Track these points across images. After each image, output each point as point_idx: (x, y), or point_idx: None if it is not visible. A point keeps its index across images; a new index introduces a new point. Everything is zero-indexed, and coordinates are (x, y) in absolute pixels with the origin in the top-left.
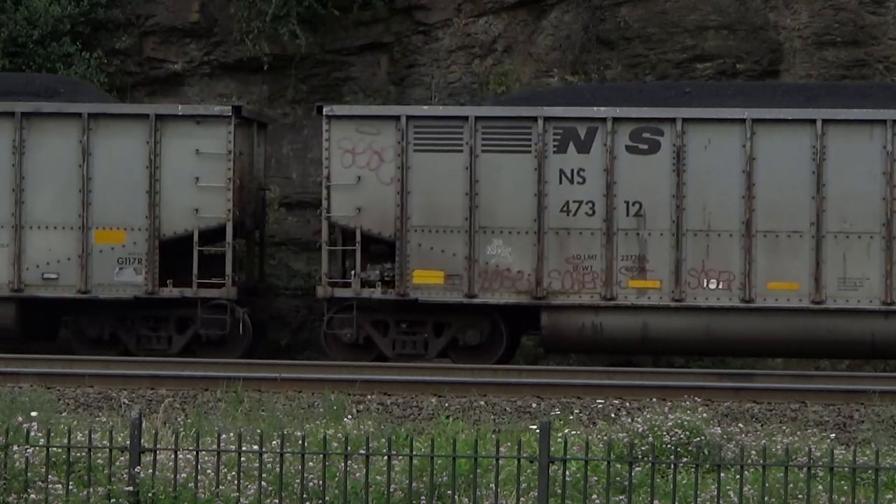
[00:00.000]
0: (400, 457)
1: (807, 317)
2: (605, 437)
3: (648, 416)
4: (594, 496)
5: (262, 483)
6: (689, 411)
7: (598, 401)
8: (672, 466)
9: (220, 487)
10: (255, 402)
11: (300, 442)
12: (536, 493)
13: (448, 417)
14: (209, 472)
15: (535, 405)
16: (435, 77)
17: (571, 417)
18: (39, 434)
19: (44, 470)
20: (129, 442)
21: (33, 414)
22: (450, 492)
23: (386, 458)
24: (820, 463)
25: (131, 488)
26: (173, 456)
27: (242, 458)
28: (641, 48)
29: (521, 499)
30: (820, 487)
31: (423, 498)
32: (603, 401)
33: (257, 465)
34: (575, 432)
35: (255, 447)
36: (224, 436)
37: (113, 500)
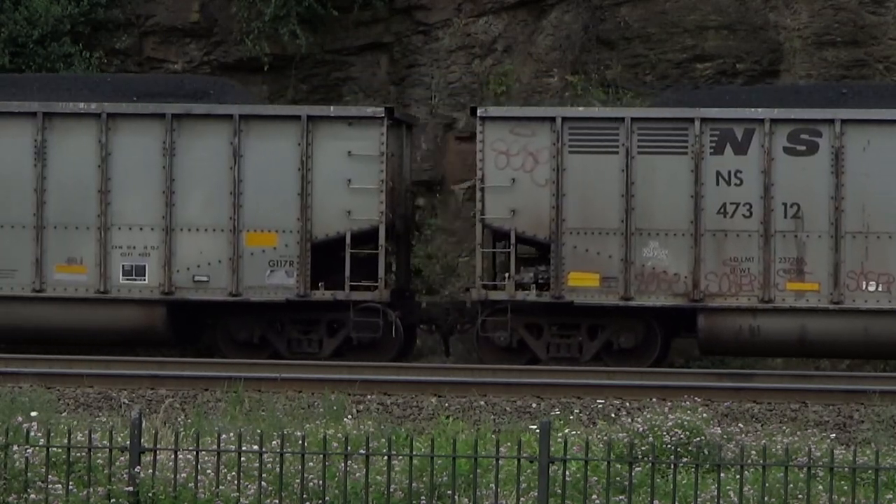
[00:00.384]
0: (400, 457)
1: None
2: (605, 437)
3: (648, 416)
4: (594, 496)
5: (262, 483)
6: (689, 411)
7: (598, 401)
8: (672, 466)
9: (220, 487)
10: (255, 402)
11: (300, 442)
12: (536, 493)
13: (448, 417)
14: (209, 472)
15: (535, 405)
16: (435, 77)
17: (571, 417)
18: (39, 434)
19: (44, 470)
20: (129, 442)
21: (33, 414)
22: (450, 492)
23: (386, 458)
24: (820, 463)
25: (131, 488)
26: (173, 456)
27: (242, 458)
28: (641, 48)
29: (521, 499)
30: (820, 487)
31: (423, 498)
32: (603, 401)
33: (257, 465)
34: (575, 432)
35: (255, 447)
36: (224, 436)
37: (113, 500)
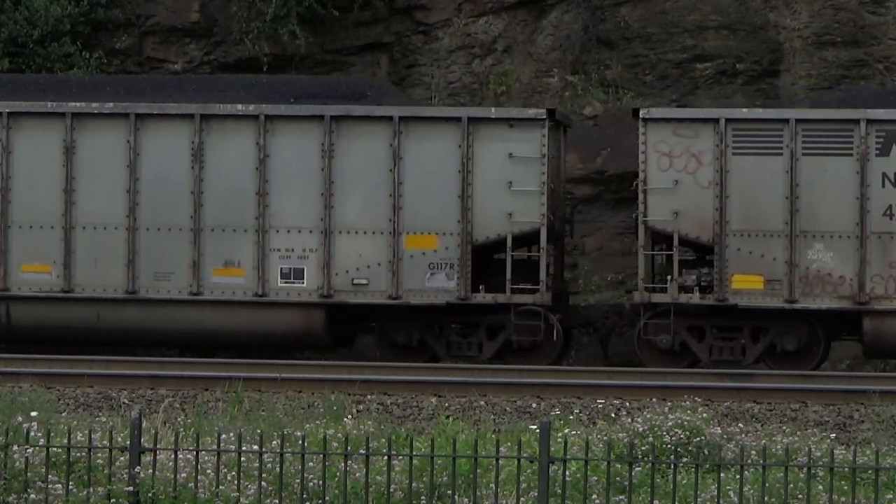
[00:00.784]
0: (400, 457)
1: None
2: (605, 437)
3: (648, 416)
4: (594, 496)
5: (262, 483)
6: (689, 411)
7: (598, 401)
8: (672, 466)
9: (220, 487)
10: (255, 402)
11: (300, 442)
12: (536, 493)
13: (448, 417)
14: (209, 472)
15: (535, 405)
16: (435, 77)
17: (571, 417)
18: (39, 434)
19: (44, 470)
20: (129, 442)
21: (33, 414)
22: (450, 492)
23: (386, 458)
24: (820, 463)
25: (131, 488)
26: (173, 456)
27: (242, 458)
28: (641, 48)
29: (521, 499)
30: (820, 487)
31: (423, 498)
32: (603, 401)
33: (257, 465)
34: (575, 432)
35: (255, 447)
36: (224, 436)
37: (113, 500)
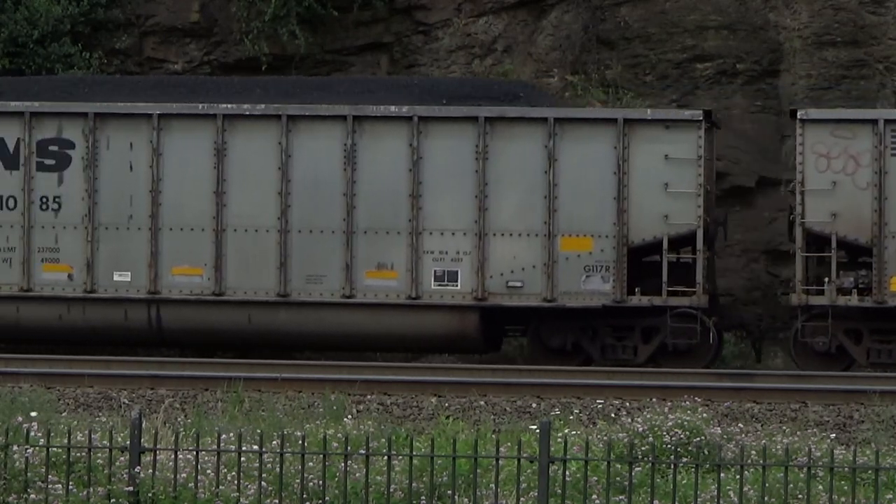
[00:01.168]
0: (400, 457)
1: None
2: (605, 437)
3: (648, 416)
4: (594, 496)
5: (262, 483)
6: (689, 411)
7: (598, 401)
8: (672, 466)
9: (220, 487)
10: (255, 402)
11: (300, 442)
12: (536, 493)
13: (448, 417)
14: (209, 472)
15: (535, 405)
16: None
17: (571, 417)
18: (39, 434)
19: (44, 470)
20: (129, 442)
21: (33, 414)
22: (450, 492)
23: (386, 458)
24: (820, 463)
25: (131, 488)
26: (173, 456)
27: (242, 458)
28: (641, 48)
29: (521, 499)
30: (820, 487)
31: (423, 498)
32: (603, 401)
33: (257, 465)
34: (575, 432)
35: (255, 447)
36: (224, 436)
37: (113, 500)
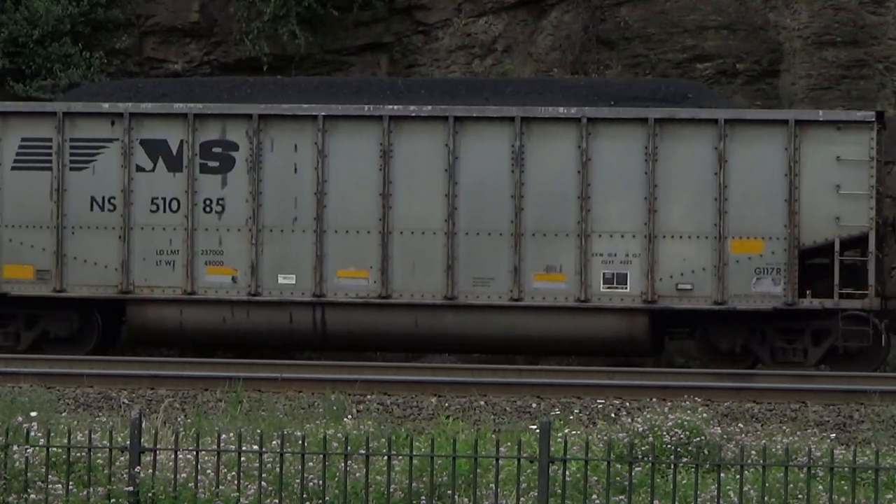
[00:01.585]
0: (400, 457)
1: None
2: (605, 437)
3: (648, 416)
4: (594, 496)
5: (262, 483)
6: (689, 411)
7: (598, 401)
8: (672, 466)
9: (220, 487)
10: (255, 402)
11: (300, 442)
12: (536, 493)
13: (448, 417)
14: (209, 472)
15: (535, 405)
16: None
17: (571, 417)
18: (39, 434)
19: (44, 470)
20: (129, 442)
21: (33, 414)
22: (450, 492)
23: (386, 458)
24: (820, 463)
25: (131, 488)
26: (173, 456)
27: (242, 458)
28: (641, 48)
29: (521, 499)
30: (820, 487)
31: (423, 498)
32: (603, 401)
33: (257, 465)
34: (575, 432)
35: (255, 447)
36: (224, 436)
37: (113, 500)
